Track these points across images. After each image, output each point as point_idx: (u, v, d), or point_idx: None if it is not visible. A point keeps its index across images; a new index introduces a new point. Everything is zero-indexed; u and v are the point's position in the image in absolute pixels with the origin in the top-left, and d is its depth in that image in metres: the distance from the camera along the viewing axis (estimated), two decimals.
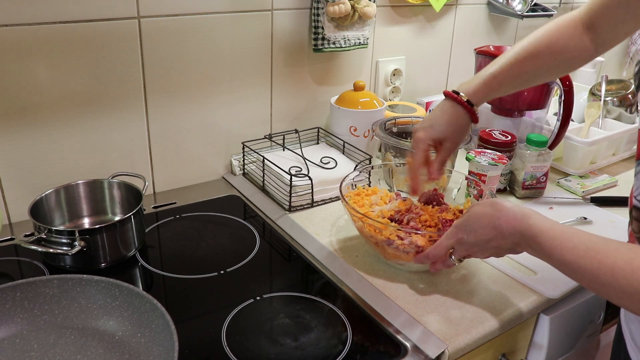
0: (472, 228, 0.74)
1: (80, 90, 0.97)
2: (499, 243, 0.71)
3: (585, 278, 0.61)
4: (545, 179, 1.16)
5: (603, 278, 0.58)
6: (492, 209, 0.72)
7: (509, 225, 0.69)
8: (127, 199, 0.96)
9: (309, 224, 1.02)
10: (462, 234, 0.75)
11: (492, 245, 0.72)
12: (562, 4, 1.76)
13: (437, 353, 0.73)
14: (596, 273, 0.59)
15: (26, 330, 0.71)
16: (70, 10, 0.91)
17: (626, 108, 1.44)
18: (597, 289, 0.60)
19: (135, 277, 0.88)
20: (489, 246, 0.73)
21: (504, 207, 0.71)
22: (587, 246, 0.61)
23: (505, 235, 0.70)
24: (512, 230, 0.69)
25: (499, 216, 0.71)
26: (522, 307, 0.83)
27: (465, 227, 0.75)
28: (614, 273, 0.57)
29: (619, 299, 0.59)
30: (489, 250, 0.74)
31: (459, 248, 0.77)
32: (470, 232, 0.74)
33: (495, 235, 0.71)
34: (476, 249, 0.75)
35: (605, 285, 0.58)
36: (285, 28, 1.18)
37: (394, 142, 1.13)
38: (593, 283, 0.60)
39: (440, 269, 0.82)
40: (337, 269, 0.90)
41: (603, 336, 1.05)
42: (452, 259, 0.79)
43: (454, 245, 0.78)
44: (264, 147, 1.20)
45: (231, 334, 0.74)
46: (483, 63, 1.29)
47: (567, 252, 0.62)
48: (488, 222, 0.72)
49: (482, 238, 0.73)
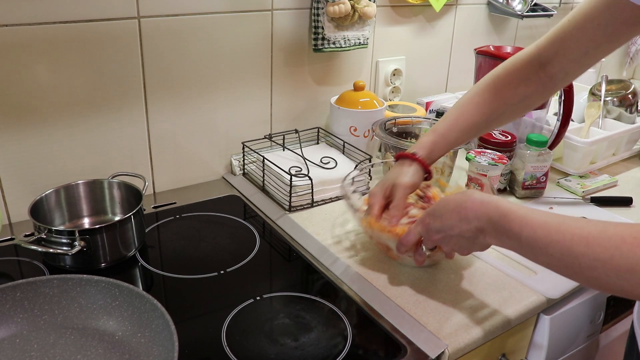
0: (439, 213, 0.73)
1: (80, 90, 0.97)
2: (461, 229, 0.70)
3: (556, 253, 0.59)
4: (545, 179, 1.16)
5: (576, 249, 0.56)
6: (461, 195, 0.72)
7: (475, 209, 0.68)
8: (127, 199, 0.96)
9: (309, 224, 1.02)
10: (429, 219, 0.75)
11: (455, 232, 0.71)
12: (562, 4, 1.76)
13: (437, 353, 0.73)
14: (569, 244, 0.57)
15: (26, 330, 0.71)
16: (70, 10, 0.91)
17: (626, 108, 1.44)
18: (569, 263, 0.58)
19: (135, 277, 0.88)
20: (452, 233, 0.71)
21: (473, 194, 0.70)
22: (559, 221, 0.60)
23: (469, 219, 0.68)
24: (477, 213, 0.67)
25: (465, 200, 0.69)
26: (522, 307, 0.83)
27: (433, 212, 0.75)
28: (587, 242, 0.56)
29: (592, 268, 0.56)
30: (452, 239, 0.73)
31: (426, 235, 0.77)
32: (437, 217, 0.74)
33: (458, 219, 0.70)
34: (440, 236, 0.74)
35: (578, 257, 0.56)
36: (285, 28, 1.18)
37: (394, 142, 1.13)
38: (565, 257, 0.58)
39: (421, 261, 0.81)
40: (337, 269, 0.90)
41: (603, 336, 1.05)
42: (423, 249, 0.79)
43: (421, 231, 0.77)
44: (264, 147, 1.20)
45: (231, 334, 0.74)
46: (483, 63, 1.29)
47: (538, 227, 0.61)
48: (454, 207, 0.71)
49: (446, 223, 0.72)
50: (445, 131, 0.87)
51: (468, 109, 0.87)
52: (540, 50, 0.81)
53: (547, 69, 0.81)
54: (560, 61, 0.80)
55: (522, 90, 0.84)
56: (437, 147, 0.88)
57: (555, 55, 0.80)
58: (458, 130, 0.87)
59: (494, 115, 0.86)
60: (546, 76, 0.82)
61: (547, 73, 0.82)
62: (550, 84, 0.83)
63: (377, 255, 0.92)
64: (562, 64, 0.80)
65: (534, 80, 0.83)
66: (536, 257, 0.63)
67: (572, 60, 0.79)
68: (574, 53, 0.78)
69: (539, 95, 0.85)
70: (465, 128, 0.87)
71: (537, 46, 0.82)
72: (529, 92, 0.84)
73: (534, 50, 0.82)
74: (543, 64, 0.81)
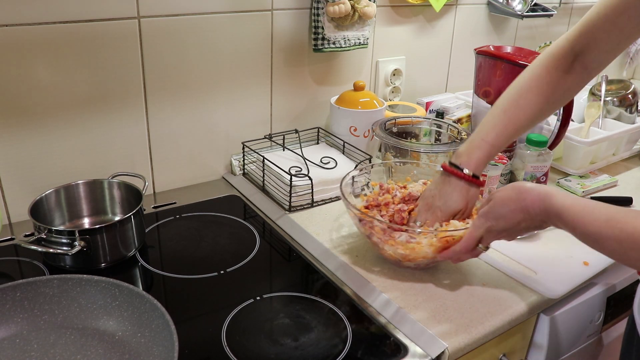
0: (500, 214, 0.75)
1: (80, 90, 0.97)
2: (529, 224, 0.74)
3: (608, 247, 0.63)
4: (545, 179, 1.15)
5: (625, 243, 0.61)
6: (515, 192, 0.74)
7: (535, 206, 0.71)
8: (127, 199, 0.96)
9: (309, 224, 1.02)
10: (491, 222, 0.77)
11: (522, 226, 0.75)
12: (562, 4, 1.76)
13: (437, 353, 0.73)
14: (618, 240, 0.61)
15: (26, 330, 0.71)
16: (70, 10, 0.91)
17: (626, 108, 1.44)
18: (621, 255, 0.63)
19: (135, 277, 0.88)
20: (519, 228, 0.75)
21: (527, 188, 0.73)
22: (608, 217, 0.63)
23: (533, 216, 0.72)
24: (538, 210, 0.71)
25: (525, 198, 0.73)
26: (522, 307, 0.83)
27: (494, 215, 0.76)
28: (634, 238, 0.60)
29: None
30: (519, 232, 0.77)
31: (488, 236, 0.78)
32: (499, 218, 0.76)
33: (523, 217, 0.73)
34: (506, 233, 0.77)
35: (628, 250, 0.61)
36: (285, 28, 1.18)
37: (394, 142, 1.13)
38: (616, 251, 0.63)
39: (465, 260, 0.83)
40: (337, 269, 0.90)
41: (603, 336, 1.05)
42: (480, 247, 0.80)
43: (483, 234, 0.78)
44: (264, 147, 1.20)
45: (231, 334, 0.74)
46: (483, 63, 1.29)
47: (589, 224, 0.65)
48: (515, 206, 0.74)
49: (512, 222, 0.75)
50: (496, 141, 0.84)
51: (516, 113, 0.84)
52: (572, 43, 0.81)
53: (581, 59, 0.82)
54: (593, 52, 0.80)
55: (562, 84, 0.84)
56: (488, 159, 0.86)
57: (587, 47, 0.80)
58: (507, 137, 0.85)
59: (539, 115, 0.85)
60: (581, 67, 0.82)
61: (581, 64, 0.82)
62: (585, 73, 0.83)
63: (377, 255, 0.92)
64: (594, 54, 0.80)
65: (571, 72, 0.83)
66: (593, 247, 0.66)
67: (605, 51, 0.80)
68: (606, 44, 0.79)
69: (577, 86, 0.85)
70: (513, 134, 0.85)
71: (568, 39, 0.82)
72: (569, 84, 0.84)
73: (566, 43, 0.82)
74: (577, 55, 0.82)
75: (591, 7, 0.80)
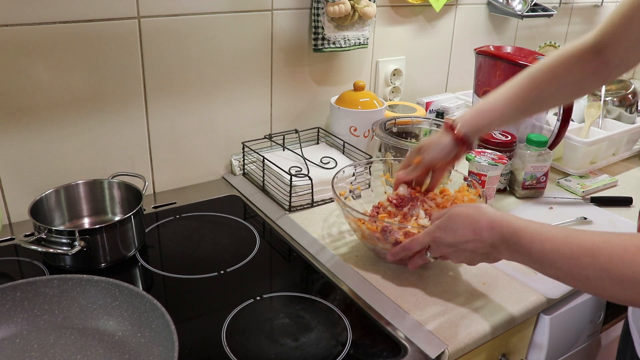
0: (452, 228, 0.74)
1: (80, 90, 0.97)
2: (476, 246, 0.71)
3: (565, 265, 0.60)
4: (545, 179, 1.16)
5: (583, 260, 0.58)
6: (475, 210, 0.72)
7: (489, 228, 0.69)
8: (127, 199, 0.96)
9: (309, 224, 1.02)
10: (440, 233, 0.75)
11: (469, 247, 0.72)
12: (562, 4, 1.76)
13: (437, 353, 0.73)
14: (575, 256, 0.59)
15: (26, 330, 0.71)
16: (70, 10, 0.91)
17: (626, 108, 1.44)
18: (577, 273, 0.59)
19: (135, 277, 0.88)
20: (464, 248, 0.72)
21: (486, 211, 0.71)
22: (566, 234, 0.61)
23: (483, 239, 0.70)
24: (491, 232, 0.69)
25: (481, 218, 0.70)
26: (522, 307, 0.83)
27: (445, 227, 0.75)
28: (593, 253, 0.57)
29: (598, 279, 0.57)
30: (464, 253, 0.74)
31: (435, 247, 0.77)
32: (450, 231, 0.74)
33: (473, 237, 0.71)
34: (451, 249, 0.75)
35: (584, 268, 0.58)
36: (285, 28, 1.18)
37: (394, 142, 1.13)
38: (573, 269, 0.59)
39: (417, 266, 0.83)
40: (337, 269, 0.90)
41: (603, 336, 1.05)
42: (428, 255, 0.80)
43: (430, 243, 0.78)
44: (264, 147, 1.20)
45: (231, 334, 0.74)
46: (483, 63, 1.30)
47: (546, 242, 0.62)
48: (469, 224, 0.71)
49: (460, 239, 0.72)
50: (493, 101, 0.85)
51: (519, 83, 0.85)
52: (594, 41, 0.82)
53: (602, 55, 0.81)
54: (614, 49, 0.80)
55: (577, 70, 0.83)
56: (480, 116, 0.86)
57: (608, 44, 0.80)
58: (505, 100, 0.84)
59: (546, 92, 0.85)
60: (601, 61, 0.82)
61: (602, 59, 0.82)
62: (606, 70, 0.83)
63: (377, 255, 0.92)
64: (616, 51, 0.80)
65: (589, 63, 0.83)
66: (546, 270, 0.64)
67: (626, 49, 0.79)
68: (626, 42, 0.78)
69: (595, 79, 0.85)
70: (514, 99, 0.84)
71: (591, 34, 0.82)
72: (584, 74, 0.83)
73: (587, 40, 0.83)
74: (598, 51, 0.82)
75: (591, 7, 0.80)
